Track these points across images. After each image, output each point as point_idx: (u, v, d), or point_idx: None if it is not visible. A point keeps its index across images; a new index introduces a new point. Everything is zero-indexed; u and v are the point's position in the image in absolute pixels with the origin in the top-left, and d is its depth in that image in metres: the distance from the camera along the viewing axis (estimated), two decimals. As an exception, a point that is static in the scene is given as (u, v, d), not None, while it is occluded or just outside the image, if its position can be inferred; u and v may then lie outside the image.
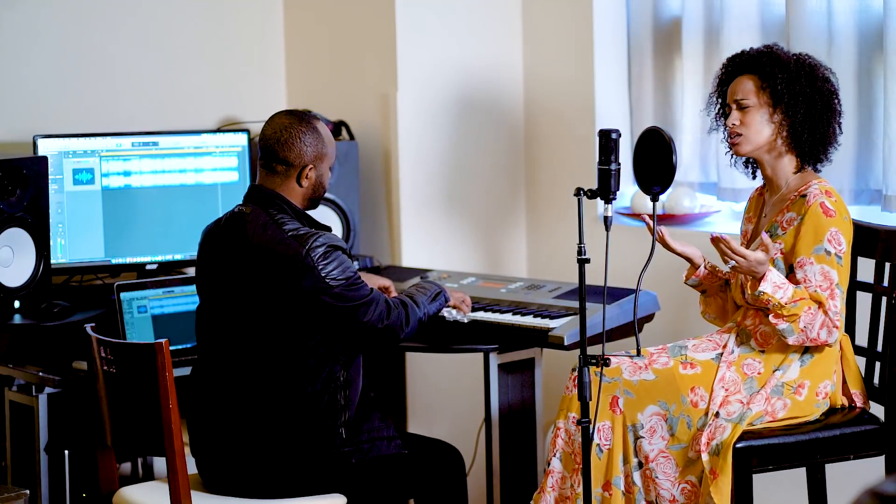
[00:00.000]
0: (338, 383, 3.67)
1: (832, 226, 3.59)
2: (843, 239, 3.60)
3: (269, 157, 3.70)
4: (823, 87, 3.70)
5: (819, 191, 3.64)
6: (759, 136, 3.73)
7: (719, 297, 3.90)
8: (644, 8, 4.85)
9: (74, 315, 4.32)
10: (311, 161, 3.69)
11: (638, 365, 3.69)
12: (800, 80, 3.69)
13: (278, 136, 3.68)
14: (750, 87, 3.73)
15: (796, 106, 3.68)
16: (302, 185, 3.70)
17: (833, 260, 3.58)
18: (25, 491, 3.92)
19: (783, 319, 3.55)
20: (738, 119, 3.74)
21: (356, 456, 3.69)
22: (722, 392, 3.63)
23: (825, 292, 3.57)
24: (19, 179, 4.32)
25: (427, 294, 3.88)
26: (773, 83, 3.69)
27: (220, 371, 3.69)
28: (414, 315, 3.77)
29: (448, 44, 5.05)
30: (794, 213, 3.65)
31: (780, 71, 3.69)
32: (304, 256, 3.58)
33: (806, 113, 3.68)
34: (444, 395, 5.04)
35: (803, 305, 3.54)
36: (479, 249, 5.12)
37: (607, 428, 3.68)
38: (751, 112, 3.73)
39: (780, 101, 3.69)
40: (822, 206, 3.60)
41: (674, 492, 3.60)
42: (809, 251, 3.59)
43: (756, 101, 3.72)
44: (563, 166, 5.05)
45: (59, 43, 4.86)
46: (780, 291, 3.54)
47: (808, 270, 3.59)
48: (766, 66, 3.71)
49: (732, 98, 3.76)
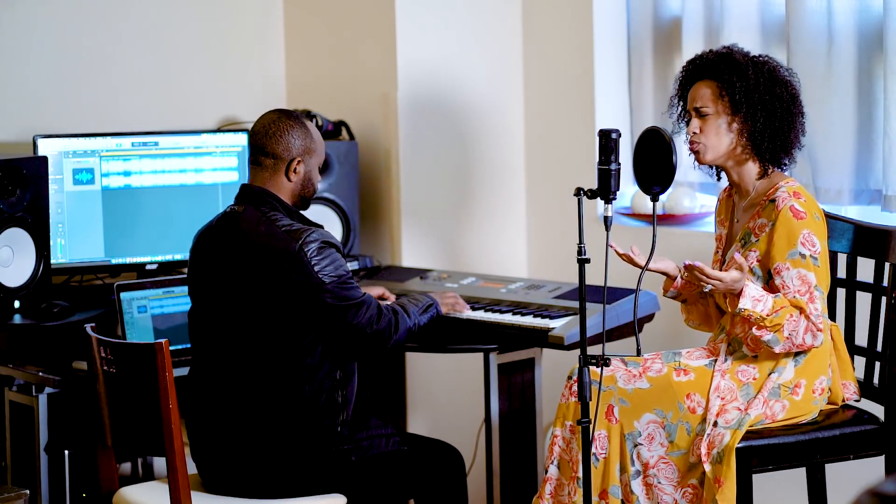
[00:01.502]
0: (335, 382, 3.67)
1: (804, 228, 3.58)
2: (816, 239, 3.59)
3: (257, 151, 3.72)
4: (783, 93, 3.66)
5: (787, 193, 3.61)
6: (720, 145, 3.70)
7: (700, 304, 3.89)
8: (644, 8, 4.84)
9: (74, 315, 4.32)
10: (299, 154, 3.70)
11: (632, 373, 3.68)
12: (759, 88, 3.64)
13: (266, 129, 3.71)
14: (708, 94, 3.69)
15: (755, 114, 3.65)
16: (290, 180, 3.71)
17: (809, 262, 3.57)
18: (25, 491, 3.92)
19: (767, 330, 3.54)
20: (699, 127, 3.70)
21: (355, 454, 3.69)
22: (718, 401, 3.61)
23: (804, 297, 3.55)
24: (19, 179, 4.32)
25: (419, 305, 3.90)
26: (731, 91, 3.65)
27: (217, 372, 3.69)
28: (404, 324, 3.78)
29: (448, 44, 5.05)
30: (765, 218, 3.63)
31: (738, 79, 3.64)
32: (298, 251, 3.59)
33: (766, 120, 3.65)
34: (444, 395, 5.04)
35: (785, 314, 3.53)
36: (479, 249, 5.12)
37: (603, 437, 3.66)
38: (710, 120, 3.69)
39: (738, 110, 3.66)
40: (792, 209, 3.59)
41: (676, 496, 3.59)
42: (784, 257, 3.58)
43: (714, 109, 3.68)
44: (563, 166, 5.05)
45: (58, 43, 4.86)
46: (759, 305, 3.52)
47: (786, 276, 3.57)
48: (724, 72, 3.66)
49: (692, 104, 3.73)
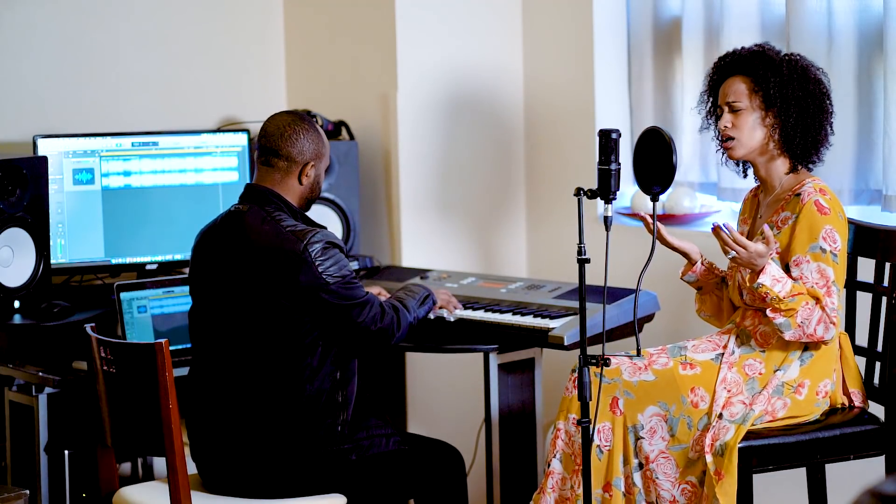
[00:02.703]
0: (335, 382, 3.67)
1: (827, 223, 3.59)
2: (838, 237, 3.60)
3: (270, 152, 3.71)
4: (816, 90, 3.69)
5: (813, 189, 3.63)
6: (752, 140, 3.72)
7: (715, 295, 3.89)
8: (644, 8, 4.84)
9: (74, 315, 4.32)
10: (311, 158, 3.71)
11: (638, 366, 3.69)
12: (792, 84, 3.67)
13: (281, 131, 3.70)
14: (742, 89, 3.71)
15: (788, 109, 3.67)
16: (302, 183, 3.71)
17: (829, 257, 3.58)
18: (25, 491, 3.92)
19: (780, 313, 3.55)
20: (731, 122, 3.72)
21: (355, 453, 3.69)
22: (724, 393, 3.62)
23: (822, 289, 3.56)
24: (19, 179, 4.32)
25: (416, 298, 3.91)
26: (765, 86, 3.67)
27: (217, 371, 3.69)
28: (405, 320, 3.79)
29: (448, 44, 5.05)
30: (789, 211, 3.64)
31: (772, 74, 3.67)
32: (302, 251, 3.59)
33: (798, 116, 3.67)
34: (444, 395, 5.04)
35: (801, 300, 3.54)
36: (479, 249, 5.12)
37: (607, 429, 3.68)
38: (743, 115, 3.71)
39: (772, 105, 3.68)
40: (817, 203, 3.60)
41: (674, 492, 3.60)
42: (805, 249, 3.59)
43: (748, 104, 3.70)
44: (563, 166, 5.05)
45: (59, 43, 4.86)
46: (778, 285, 3.53)
47: (805, 268, 3.58)
48: (758, 68, 3.69)
49: (724, 100, 3.74)
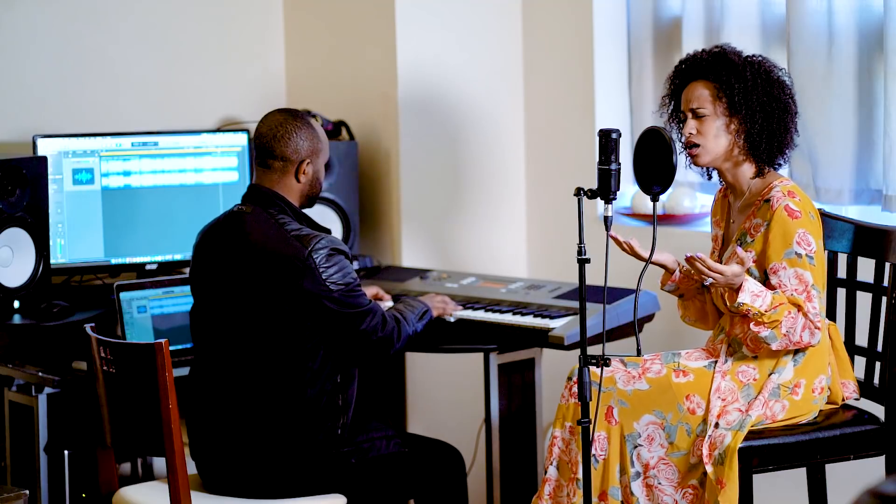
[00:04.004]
0: (336, 385, 3.67)
1: (799, 227, 3.57)
2: (811, 238, 3.58)
3: (265, 153, 3.71)
4: (779, 94, 3.66)
5: (782, 193, 3.60)
6: (717, 146, 3.68)
7: (697, 300, 3.87)
8: (644, 8, 4.84)
9: (74, 315, 4.32)
10: (307, 156, 3.71)
11: (631, 374, 3.68)
12: (756, 89, 3.63)
13: (274, 132, 3.70)
14: (706, 95, 3.67)
15: (754, 116, 3.63)
16: (300, 181, 3.71)
17: (805, 261, 3.57)
18: (25, 491, 3.92)
19: (765, 326, 3.53)
20: (695, 128, 3.68)
21: (356, 456, 3.69)
22: (719, 402, 3.61)
23: (801, 295, 3.55)
24: (19, 179, 4.32)
25: (415, 312, 3.93)
26: (729, 93, 3.63)
27: (218, 372, 3.69)
28: (405, 331, 3.80)
29: (448, 44, 5.05)
30: (760, 219, 3.62)
31: (736, 80, 3.63)
32: (307, 258, 3.59)
33: (763, 122, 3.64)
34: (444, 395, 5.04)
35: (783, 311, 3.52)
36: (479, 249, 5.12)
37: (602, 438, 3.65)
38: (707, 121, 3.67)
39: (737, 112, 3.64)
40: (787, 209, 3.58)
41: (676, 497, 3.59)
42: (780, 256, 3.57)
43: (712, 111, 3.66)
44: (563, 166, 5.05)
45: (58, 43, 4.86)
46: (758, 300, 3.52)
47: (782, 276, 3.57)
48: (721, 73, 3.64)
49: (687, 105, 3.70)
